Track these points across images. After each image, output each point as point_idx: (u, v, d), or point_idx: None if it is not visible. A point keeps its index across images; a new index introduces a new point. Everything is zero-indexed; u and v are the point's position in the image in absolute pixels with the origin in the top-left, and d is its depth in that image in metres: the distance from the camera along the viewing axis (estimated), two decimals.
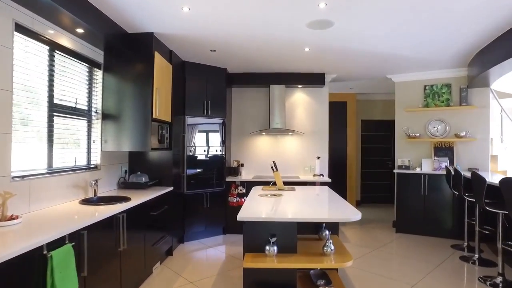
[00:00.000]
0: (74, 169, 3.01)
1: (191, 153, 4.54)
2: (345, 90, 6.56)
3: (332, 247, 2.49)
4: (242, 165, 5.30)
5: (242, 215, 2.35)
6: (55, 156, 2.77)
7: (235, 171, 5.18)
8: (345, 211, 2.55)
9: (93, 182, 3.10)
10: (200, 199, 4.59)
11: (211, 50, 4.06)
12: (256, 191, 3.61)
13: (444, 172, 4.62)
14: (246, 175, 5.28)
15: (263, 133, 5.22)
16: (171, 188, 3.90)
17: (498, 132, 5.18)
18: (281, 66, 4.78)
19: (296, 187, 3.92)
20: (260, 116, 5.34)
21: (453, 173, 4.17)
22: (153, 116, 3.40)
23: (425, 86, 5.04)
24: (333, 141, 6.82)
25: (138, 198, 3.04)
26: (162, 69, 3.61)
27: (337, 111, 6.87)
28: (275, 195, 3.30)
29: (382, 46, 3.82)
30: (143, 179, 3.80)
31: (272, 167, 3.78)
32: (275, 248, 2.40)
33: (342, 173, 6.87)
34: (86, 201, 2.86)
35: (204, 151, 4.68)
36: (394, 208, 5.28)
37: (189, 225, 4.49)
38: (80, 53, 3.06)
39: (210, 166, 4.73)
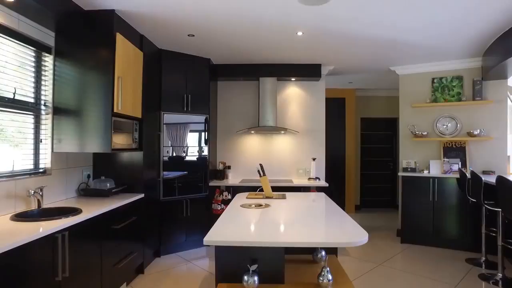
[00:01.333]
0: (12, 175, 2.42)
1: (169, 155, 3.95)
2: (343, 85, 5.99)
3: (330, 277, 1.92)
4: (229, 167, 4.72)
5: (211, 237, 1.77)
6: None
7: (221, 174, 4.60)
8: (347, 231, 1.97)
9: (34, 191, 2.50)
10: (179, 206, 4.00)
11: (189, 35, 3.48)
12: (239, 199, 3.03)
13: (456, 175, 4.06)
14: (233, 178, 4.70)
15: (252, 132, 4.64)
16: (141, 195, 3.31)
17: None
18: (272, 55, 4.21)
19: (288, 194, 3.34)
20: (250, 113, 4.77)
21: (469, 176, 3.61)
22: (115, 111, 2.81)
23: (433, 79, 4.48)
24: (331, 140, 6.24)
25: (94, 209, 2.45)
26: (127, 55, 3.02)
27: (335, 108, 6.30)
28: (261, 205, 2.72)
29: (386, 28, 3.26)
30: (108, 185, 3.22)
31: (258, 171, 3.20)
32: (256, 278, 1.83)
33: (340, 175, 6.30)
34: (21, 216, 2.26)
35: (184, 152, 4.09)
36: (398, 214, 4.72)
37: (167, 236, 3.90)
38: (22, 33, 2.47)
39: (191, 169, 4.15)
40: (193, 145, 4.17)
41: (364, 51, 4.01)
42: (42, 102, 2.77)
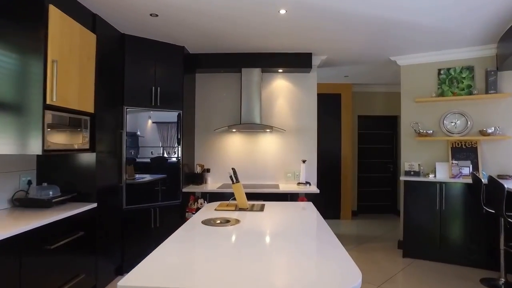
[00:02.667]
0: None
1: (133, 156, 3.37)
2: (338, 79, 5.40)
3: None
4: (208, 170, 4.14)
5: (130, 282, 1.18)
6: None
7: (199, 179, 4.02)
8: (332, 270, 1.37)
9: None
10: (147, 215, 3.42)
11: (151, 15, 2.90)
12: (204, 212, 2.45)
13: (467, 180, 3.47)
14: (213, 183, 4.12)
15: (234, 130, 4.05)
16: (93, 205, 2.73)
17: None
18: (255, 43, 3.62)
19: (268, 204, 2.76)
20: (232, 109, 4.18)
21: (485, 182, 3.03)
22: (48, 102, 2.22)
23: (439, 70, 3.89)
24: (325, 140, 5.67)
25: (22, 224, 1.88)
26: (69, 35, 2.43)
27: (330, 105, 5.71)
28: (228, 221, 2.13)
29: (388, 8, 2.67)
30: (50, 193, 2.63)
31: (231, 176, 2.61)
32: None
33: (335, 178, 5.71)
34: None
35: (152, 153, 3.51)
36: (399, 222, 4.14)
37: (131, 251, 3.31)
38: None
39: (162, 172, 3.57)
40: (163, 146, 3.59)
41: (361, 38, 3.43)
42: None
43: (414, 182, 3.77)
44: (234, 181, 2.59)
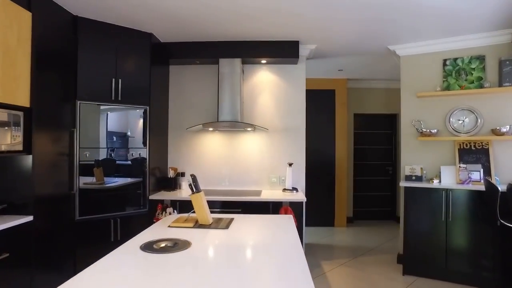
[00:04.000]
0: None
1: (90, 159, 2.86)
2: (332, 73, 4.86)
3: None
4: (182, 174, 3.62)
5: None
6: None
7: (172, 184, 3.51)
8: None
9: None
10: (105, 227, 2.90)
11: None
12: (157, 229, 1.94)
13: (478, 187, 2.94)
14: (188, 188, 3.58)
15: (211, 129, 3.53)
16: (28, 218, 2.21)
17: None
18: (232, 30, 3.11)
19: (240, 217, 2.24)
20: (209, 105, 3.66)
21: (502, 189, 2.50)
22: None
23: (444, 60, 3.36)
24: (317, 141, 5.15)
25: None
26: None
27: (322, 102, 5.19)
28: (177, 243, 1.62)
29: None
30: None
31: (190, 185, 2.10)
32: None
33: (328, 182, 5.18)
34: None
35: (112, 155, 2.99)
36: (399, 231, 3.62)
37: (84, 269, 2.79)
38: None
39: (125, 177, 3.06)
40: (127, 146, 3.07)
41: (355, 24, 2.91)
42: None
43: (416, 188, 3.24)
44: (193, 190, 2.07)
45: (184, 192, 3.42)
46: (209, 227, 1.98)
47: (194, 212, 2.08)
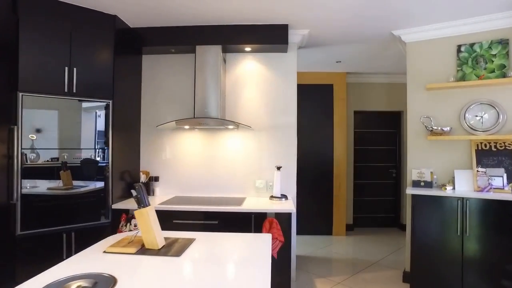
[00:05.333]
0: None
1: (35, 161, 2.37)
2: (329, 65, 4.34)
3: None
4: (155, 179, 3.13)
5: None
6: None
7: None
8: None
9: None
10: (55, 244, 2.42)
11: None
12: (89, 255, 1.44)
13: (502, 196, 2.41)
14: (162, 195, 3.11)
15: (186, 127, 3.03)
16: None
17: None
18: (210, 11, 2.62)
19: (203, 237, 1.74)
20: (187, 100, 3.16)
21: None
22: None
23: (459, 46, 2.83)
24: (313, 141, 4.65)
25: None
26: None
27: (319, 98, 4.67)
28: (96, 283, 1.12)
29: None
30: None
31: (135, 197, 1.60)
32: None
33: (326, 186, 4.66)
34: None
35: (66, 157, 2.51)
36: (405, 241, 3.10)
37: None
38: None
39: (83, 183, 2.57)
40: (84, 147, 2.59)
41: (354, 3, 2.41)
42: None
43: (425, 197, 2.71)
44: (139, 204, 1.58)
45: (157, 199, 2.93)
46: (157, 253, 1.48)
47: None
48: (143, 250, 1.51)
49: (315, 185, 4.65)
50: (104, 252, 1.49)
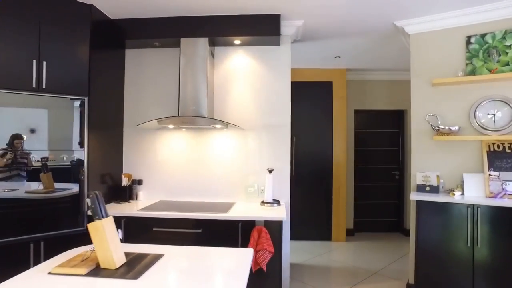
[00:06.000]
0: None
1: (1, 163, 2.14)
2: (328, 62, 4.07)
3: None
4: (138, 182, 2.89)
5: None
6: None
7: (127, 194, 2.79)
8: None
9: None
10: (22, 254, 2.19)
11: None
12: (32, 277, 1.20)
13: None
14: (146, 199, 2.87)
15: (170, 126, 2.79)
16: None
17: None
18: (199, 0, 2.39)
19: (173, 252, 1.49)
20: (173, 97, 2.92)
21: None
22: None
23: (468, 37, 2.56)
24: (311, 141, 4.40)
25: None
26: None
27: (317, 96, 4.41)
28: None
29: None
30: None
31: (89, 207, 1.36)
32: None
33: (325, 189, 4.39)
34: None
35: (34, 158, 2.27)
36: (408, 248, 2.83)
37: None
38: None
39: (55, 186, 2.34)
40: (56, 148, 2.35)
41: None
42: None
43: (431, 203, 2.44)
44: (95, 216, 1.34)
45: (140, 204, 2.69)
46: (113, 274, 1.24)
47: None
48: (97, 270, 1.27)
49: (313, 188, 4.38)
50: (50, 273, 1.25)
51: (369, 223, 4.78)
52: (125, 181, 2.83)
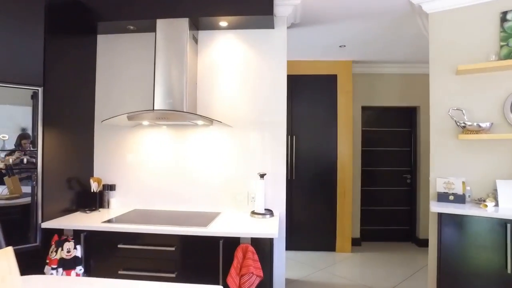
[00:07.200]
0: None
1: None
2: (332, 52, 3.60)
3: None
4: (110, 187, 2.48)
5: None
6: None
7: (97, 201, 2.38)
8: None
9: None
10: None
11: None
12: None
13: None
14: (120, 207, 2.45)
15: (145, 122, 2.36)
16: None
17: None
18: None
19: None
20: (150, 89, 2.50)
21: None
22: None
23: (504, 13, 2.08)
24: (313, 141, 3.95)
25: None
26: None
27: (320, 91, 3.95)
28: None
29: None
30: None
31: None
32: None
33: (328, 193, 3.92)
34: None
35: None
36: (421, 259, 2.36)
37: None
38: None
39: None
40: (6, 148, 1.95)
41: None
42: None
43: (457, 217, 1.97)
44: None
45: (112, 213, 2.28)
46: None
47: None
48: None
49: (315, 193, 3.92)
50: None
51: (378, 232, 4.29)
52: (94, 187, 2.42)
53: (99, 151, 2.54)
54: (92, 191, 2.42)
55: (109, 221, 2.05)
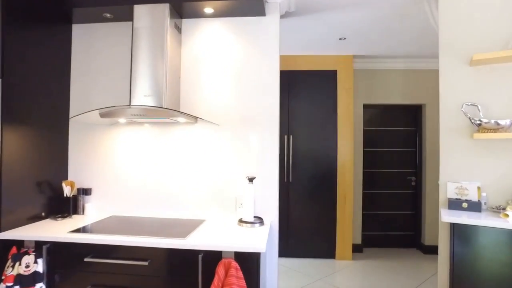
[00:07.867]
0: None
1: None
2: (331, 46, 3.34)
3: None
4: (85, 192, 2.24)
5: None
6: None
7: (71, 207, 2.14)
8: None
9: None
10: None
11: None
12: None
13: None
14: (95, 213, 2.21)
15: (121, 120, 2.12)
16: None
17: None
18: None
19: None
20: (125, 84, 2.26)
21: None
22: None
23: None
24: (311, 141, 3.69)
25: None
26: None
27: (319, 88, 3.69)
28: None
29: None
30: None
31: None
32: None
33: (327, 197, 3.67)
34: None
35: None
36: (427, 267, 2.10)
37: None
38: None
39: None
40: None
41: None
42: None
43: (473, 228, 1.71)
44: None
45: (87, 220, 2.05)
46: None
47: None
48: None
49: (314, 196, 3.67)
50: None
51: (380, 237, 4.02)
52: (67, 191, 2.18)
53: (74, 151, 2.30)
54: (65, 195, 2.18)
55: (77, 230, 1.81)
